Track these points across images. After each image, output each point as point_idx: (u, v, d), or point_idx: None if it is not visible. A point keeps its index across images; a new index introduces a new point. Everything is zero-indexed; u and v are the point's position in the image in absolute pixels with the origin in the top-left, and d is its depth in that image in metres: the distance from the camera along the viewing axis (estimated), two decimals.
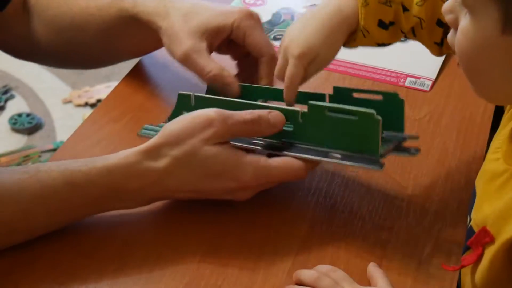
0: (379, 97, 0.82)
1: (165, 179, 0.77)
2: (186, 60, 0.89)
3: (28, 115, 2.21)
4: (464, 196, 0.84)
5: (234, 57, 0.96)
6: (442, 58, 1.07)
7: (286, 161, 0.78)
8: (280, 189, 0.84)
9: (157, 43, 0.95)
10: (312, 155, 0.78)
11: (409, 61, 1.07)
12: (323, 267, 0.73)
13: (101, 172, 0.76)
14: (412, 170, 0.88)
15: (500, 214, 0.65)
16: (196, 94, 0.86)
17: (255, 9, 1.17)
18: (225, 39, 0.91)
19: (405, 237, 0.79)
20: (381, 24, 0.82)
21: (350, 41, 0.84)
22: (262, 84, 0.90)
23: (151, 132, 0.85)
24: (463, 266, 0.69)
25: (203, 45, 0.89)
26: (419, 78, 1.04)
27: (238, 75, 0.93)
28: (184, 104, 0.87)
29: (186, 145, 0.76)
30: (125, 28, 0.96)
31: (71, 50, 1.01)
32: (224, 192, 0.78)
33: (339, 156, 0.77)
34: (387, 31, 0.83)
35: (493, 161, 0.68)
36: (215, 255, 0.77)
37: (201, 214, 0.81)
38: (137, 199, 0.78)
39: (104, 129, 0.93)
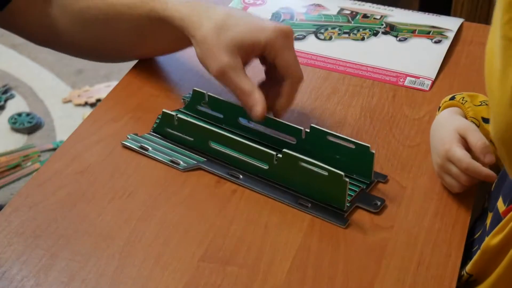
0: (351, 146, 0.84)
1: None
2: (222, 77, 0.88)
3: (28, 114, 2.20)
4: (463, 196, 0.84)
5: (265, 70, 0.94)
6: (441, 58, 1.08)
7: None
8: None
9: (187, 45, 0.95)
10: (285, 198, 0.83)
11: (408, 61, 1.07)
12: None
13: None
14: (411, 170, 0.88)
15: None
16: (179, 116, 0.89)
17: (254, 9, 1.18)
18: (258, 54, 0.90)
19: (404, 236, 0.79)
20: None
21: None
22: (280, 103, 0.89)
23: (135, 143, 0.90)
24: None
25: (239, 61, 0.88)
26: (418, 77, 1.04)
27: (265, 88, 0.90)
28: (168, 122, 0.91)
29: None
30: (154, 29, 0.96)
31: (97, 44, 1.02)
32: None
33: (309, 205, 0.82)
34: None
35: None
36: (215, 255, 0.77)
37: (201, 214, 0.81)
38: None
39: (104, 128, 0.94)
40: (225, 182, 0.86)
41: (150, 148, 0.89)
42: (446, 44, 1.10)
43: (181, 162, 0.87)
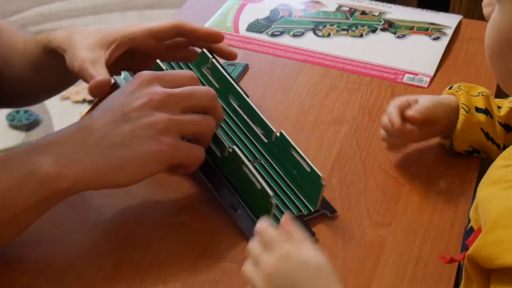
0: (307, 168, 0.81)
1: None
2: (81, 71, 0.87)
3: (26, 111, 2.20)
4: (461, 193, 0.84)
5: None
6: (440, 55, 1.07)
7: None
8: None
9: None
10: (223, 194, 0.81)
11: (407, 58, 1.07)
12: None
13: None
14: (410, 167, 0.88)
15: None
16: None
17: (253, 5, 1.18)
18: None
19: (403, 234, 0.79)
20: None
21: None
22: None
23: None
24: (452, 261, 0.70)
25: (101, 54, 0.88)
26: (417, 74, 1.04)
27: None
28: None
29: None
30: (42, 59, 0.95)
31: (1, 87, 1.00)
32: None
33: (239, 211, 0.79)
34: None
35: (502, 168, 0.67)
36: (213, 251, 0.77)
37: (199, 209, 0.81)
38: None
39: None
40: None
41: None
42: (444, 41, 1.10)
43: None
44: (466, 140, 0.86)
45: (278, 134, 0.84)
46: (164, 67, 0.87)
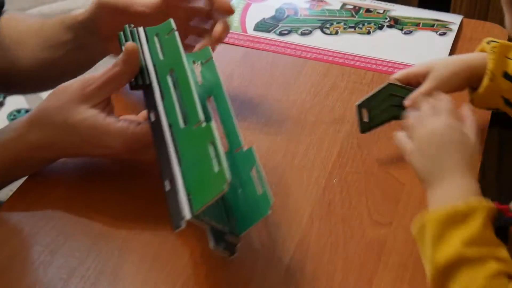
0: (260, 190, 0.73)
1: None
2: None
3: (26, 111, 2.20)
4: None
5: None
6: (448, 49, 1.08)
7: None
8: (278, 184, 0.84)
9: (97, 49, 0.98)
10: (162, 163, 0.77)
11: (416, 53, 1.07)
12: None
13: None
14: (410, 166, 0.87)
15: None
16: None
17: (257, 5, 1.18)
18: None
19: (403, 233, 0.79)
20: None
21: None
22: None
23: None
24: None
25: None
26: None
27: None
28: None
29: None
30: (60, 36, 0.97)
31: (16, 69, 1.01)
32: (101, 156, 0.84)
33: (168, 188, 0.74)
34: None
35: None
36: (214, 251, 0.76)
37: None
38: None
39: None
40: None
41: None
42: (451, 36, 1.10)
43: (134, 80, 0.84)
44: (485, 103, 0.90)
45: (244, 149, 0.76)
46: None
